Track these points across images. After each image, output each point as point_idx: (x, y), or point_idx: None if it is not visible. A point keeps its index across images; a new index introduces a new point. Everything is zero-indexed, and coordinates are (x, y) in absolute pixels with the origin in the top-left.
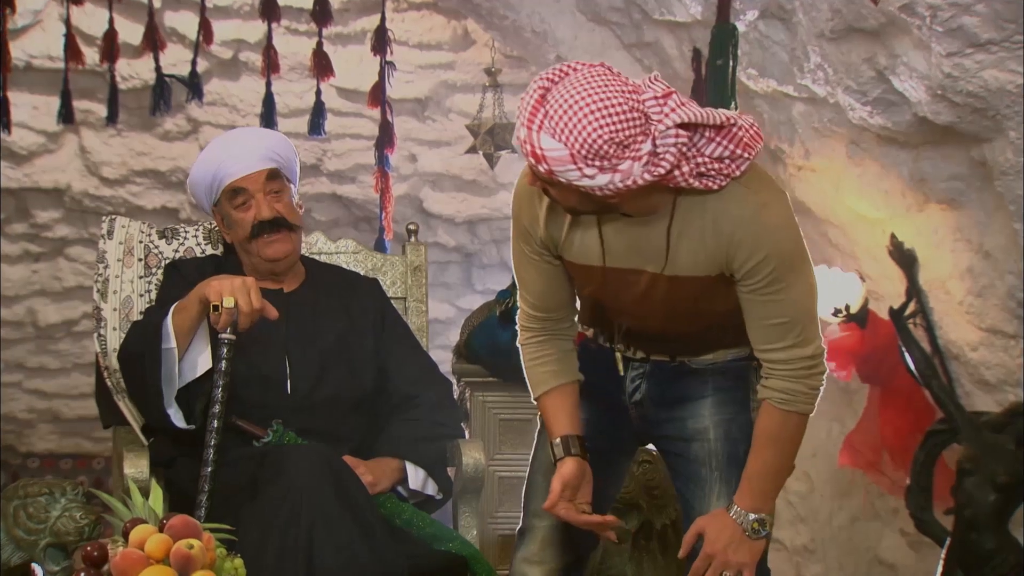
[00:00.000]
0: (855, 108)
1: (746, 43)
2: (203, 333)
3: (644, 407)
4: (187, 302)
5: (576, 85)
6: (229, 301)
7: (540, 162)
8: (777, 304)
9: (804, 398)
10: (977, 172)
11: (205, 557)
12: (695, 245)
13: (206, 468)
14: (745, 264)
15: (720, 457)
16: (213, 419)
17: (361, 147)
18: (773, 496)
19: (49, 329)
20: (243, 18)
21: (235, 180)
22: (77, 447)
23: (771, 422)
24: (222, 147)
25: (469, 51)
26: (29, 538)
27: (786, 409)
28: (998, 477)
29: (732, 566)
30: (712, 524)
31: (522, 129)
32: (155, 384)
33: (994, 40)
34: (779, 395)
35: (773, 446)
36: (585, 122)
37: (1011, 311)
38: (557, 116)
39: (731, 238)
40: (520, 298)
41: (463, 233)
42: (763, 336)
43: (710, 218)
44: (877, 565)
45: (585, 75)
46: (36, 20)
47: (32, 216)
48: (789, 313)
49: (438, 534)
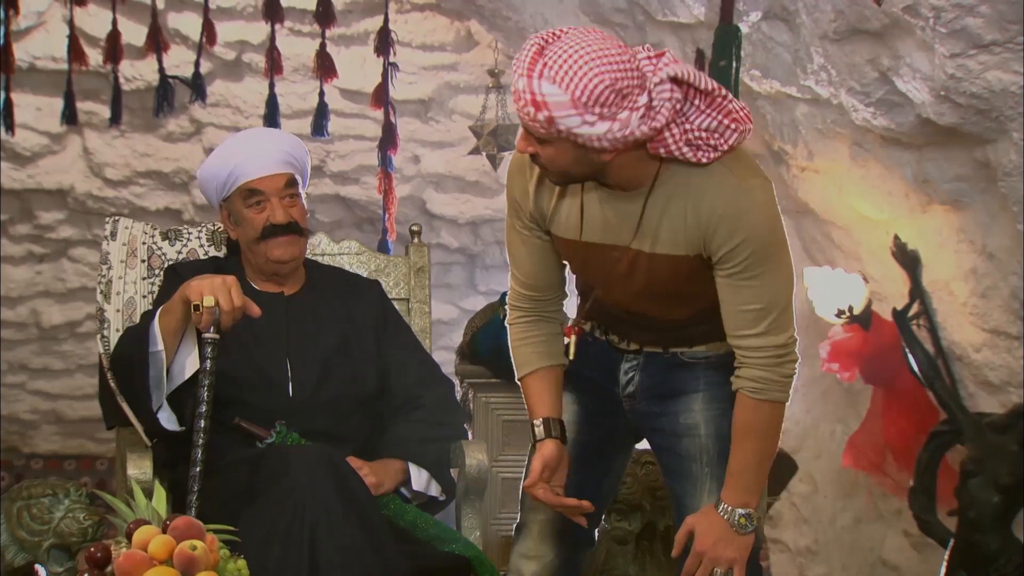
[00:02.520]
0: (858, 109)
1: (749, 44)
2: (191, 335)
3: (636, 399)
4: (172, 304)
5: (575, 38)
6: (209, 300)
7: (540, 108)
8: (752, 290)
9: (776, 386)
10: (981, 173)
11: (208, 558)
12: (676, 223)
13: (194, 468)
14: (723, 247)
15: (711, 453)
16: (199, 419)
17: (364, 148)
18: (758, 490)
19: (53, 330)
20: (246, 19)
21: (252, 180)
22: (81, 448)
23: (746, 412)
24: (241, 144)
25: (472, 52)
26: (33, 539)
27: (758, 398)
28: (1002, 478)
29: (722, 562)
30: (701, 521)
31: (520, 80)
32: (144, 388)
33: (997, 41)
34: (751, 384)
35: (750, 437)
36: (586, 68)
37: (1015, 312)
38: (557, 64)
39: (710, 219)
40: (511, 277)
41: (466, 234)
42: (737, 322)
43: (693, 196)
44: (880, 566)
45: (582, 31)
46: (40, 21)
47: (36, 217)
48: (764, 300)
49: (441, 535)
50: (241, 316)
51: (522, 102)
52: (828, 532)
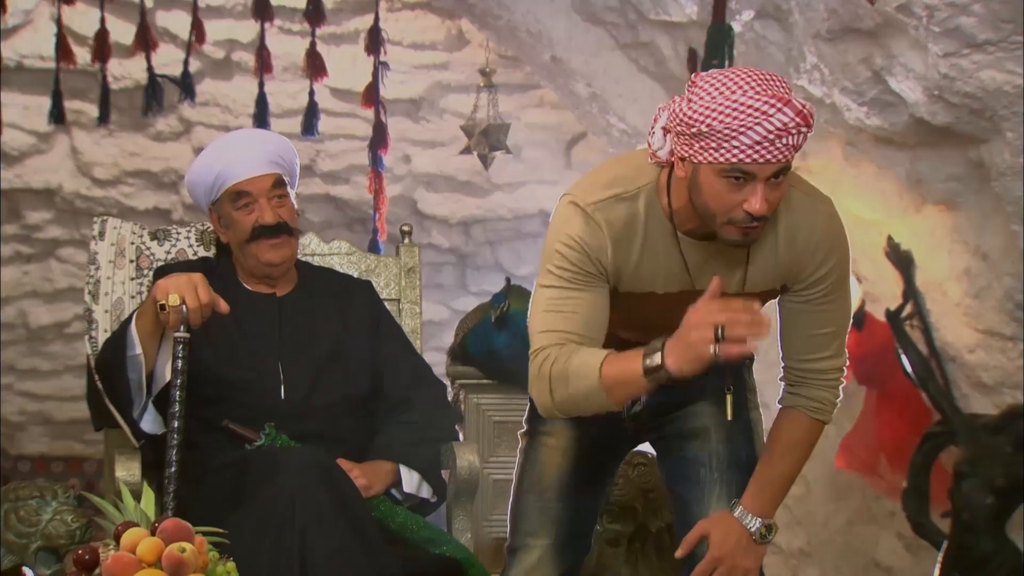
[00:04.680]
0: (851, 109)
1: (742, 43)
2: (169, 337)
3: (642, 416)
4: (145, 306)
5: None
6: (175, 299)
7: (810, 120)
8: (829, 314)
9: (832, 408)
10: (974, 173)
11: (197, 561)
12: (768, 259)
13: (169, 469)
14: (814, 274)
15: (722, 458)
16: (173, 420)
17: (355, 148)
18: (779, 502)
19: (40, 331)
20: (236, 18)
21: (240, 182)
22: (69, 450)
23: (798, 429)
24: (228, 147)
25: (463, 51)
26: (20, 541)
27: (817, 418)
28: (996, 480)
29: (739, 570)
30: (718, 527)
31: (787, 108)
32: (124, 392)
33: (991, 40)
34: (814, 404)
35: (793, 453)
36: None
37: (1009, 313)
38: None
39: (806, 247)
40: (547, 334)
41: (457, 234)
42: (807, 346)
43: (782, 230)
44: (874, 568)
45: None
46: (27, 20)
47: (23, 217)
48: (838, 322)
49: (432, 537)
50: (210, 313)
51: (797, 121)
52: (821, 534)
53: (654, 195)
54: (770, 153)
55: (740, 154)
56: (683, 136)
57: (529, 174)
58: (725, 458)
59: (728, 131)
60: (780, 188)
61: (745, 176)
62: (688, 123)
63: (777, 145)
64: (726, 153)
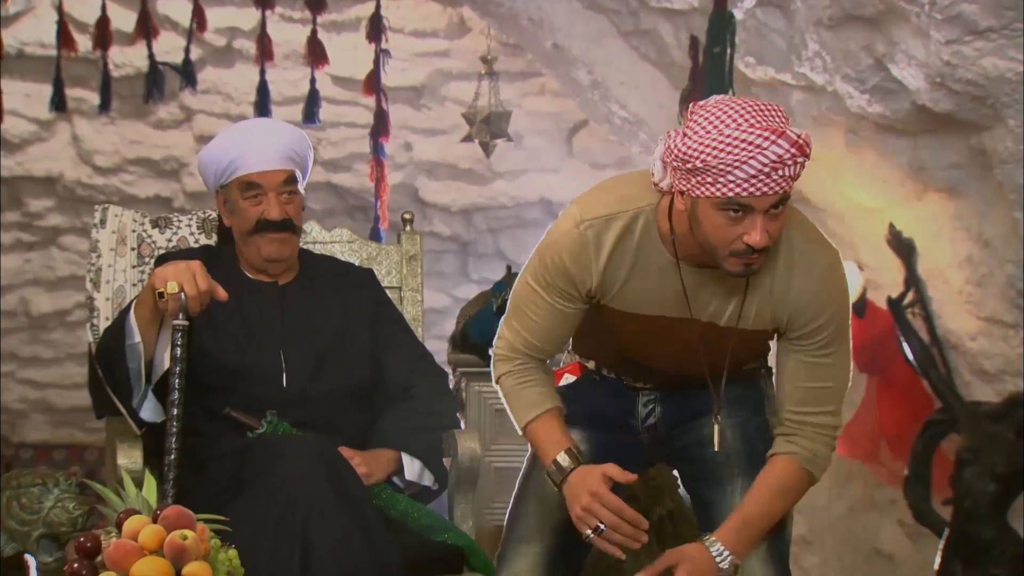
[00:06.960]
0: (853, 96)
1: (744, 31)
2: (168, 325)
3: (658, 429)
4: (143, 294)
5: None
6: (172, 287)
7: (806, 149)
8: (828, 368)
9: (824, 464)
10: (976, 160)
11: (199, 548)
12: (763, 301)
13: (168, 457)
14: (808, 324)
15: (741, 455)
16: (172, 407)
17: (356, 135)
18: (754, 545)
19: (42, 319)
20: (237, 5)
21: (251, 173)
22: (70, 437)
23: (789, 475)
24: (246, 136)
25: (465, 39)
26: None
27: (809, 468)
28: (997, 467)
29: None
30: (688, 560)
31: (782, 139)
32: (124, 381)
33: (993, 27)
34: (808, 454)
35: (782, 499)
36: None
37: (1010, 300)
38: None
39: (799, 297)
40: (511, 333)
41: (459, 222)
42: (802, 398)
43: (781, 268)
44: (875, 556)
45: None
46: (29, 7)
47: (24, 205)
48: (836, 379)
49: (433, 525)
50: (209, 301)
51: (794, 154)
52: (822, 521)
53: (652, 217)
54: (766, 185)
55: (736, 188)
56: (679, 171)
57: (530, 162)
58: (744, 454)
59: (723, 166)
60: (780, 218)
61: (743, 209)
62: (684, 159)
63: (773, 177)
64: (722, 187)
